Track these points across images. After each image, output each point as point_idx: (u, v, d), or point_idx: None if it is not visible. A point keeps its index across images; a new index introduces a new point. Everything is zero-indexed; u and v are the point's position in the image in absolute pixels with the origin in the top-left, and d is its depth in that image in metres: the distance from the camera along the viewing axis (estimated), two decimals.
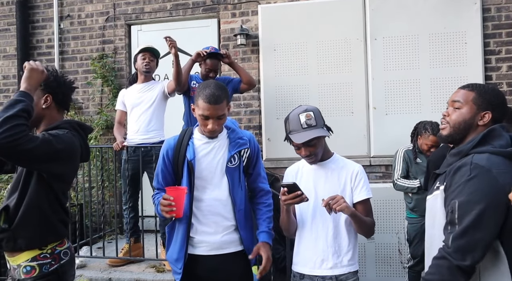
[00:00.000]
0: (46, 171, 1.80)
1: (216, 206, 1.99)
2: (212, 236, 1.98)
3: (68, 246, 1.94)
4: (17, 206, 1.81)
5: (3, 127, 1.56)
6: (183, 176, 1.99)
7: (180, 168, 1.99)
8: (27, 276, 1.81)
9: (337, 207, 1.79)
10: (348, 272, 1.94)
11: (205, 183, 2.00)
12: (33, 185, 1.82)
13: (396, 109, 4.05)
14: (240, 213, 2.02)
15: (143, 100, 3.66)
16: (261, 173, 2.15)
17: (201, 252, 1.99)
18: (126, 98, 3.77)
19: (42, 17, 5.00)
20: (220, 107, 1.90)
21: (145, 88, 3.71)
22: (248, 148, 2.05)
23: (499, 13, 3.99)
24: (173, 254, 2.01)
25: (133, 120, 3.70)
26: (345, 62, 4.17)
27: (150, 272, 3.41)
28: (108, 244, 4.06)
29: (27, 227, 1.80)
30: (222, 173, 1.99)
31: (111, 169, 4.36)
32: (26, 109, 1.66)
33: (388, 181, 3.86)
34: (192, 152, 1.98)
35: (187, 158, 1.97)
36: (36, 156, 1.69)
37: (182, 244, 1.98)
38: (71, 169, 1.95)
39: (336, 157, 2.06)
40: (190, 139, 2.03)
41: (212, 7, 4.55)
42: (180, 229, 2.00)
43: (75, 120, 2.05)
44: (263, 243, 2.07)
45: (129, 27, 4.85)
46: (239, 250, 2.02)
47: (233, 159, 2.00)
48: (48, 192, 1.85)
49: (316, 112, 1.95)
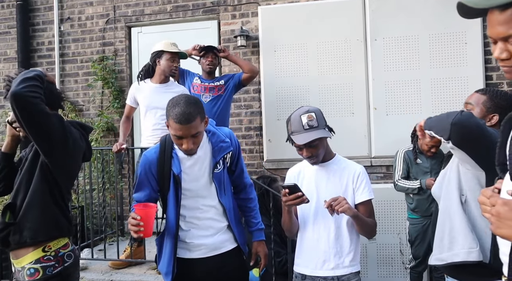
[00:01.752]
0: (53, 152, 1.83)
1: (208, 212, 1.99)
2: (208, 238, 1.99)
3: (72, 249, 1.95)
4: (22, 201, 1.85)
5: (24, 83, 1.68)
6: (170, 189, 1.94)
7: (166, 182, 1.93)
8: (31, 278, 1.82)
9: (339, 208, 1.79)
10: (349, 273, 1.94)
11: (193, 194, 1.97)
12: (36, 179, 1.85)
13: (396, 109, 4.05)
14: (230, 213, 2.04)
15: (160, 102, 3.28)
16: (243, 168, 2.16)
17: (199, 255, 1.99)
18: (139, 96, 3.53)
19: (43, 20, 5.01)
20: (193, 125, 1.76)
21: (164, 89, 3.46)
22: (231, 150, 2.02)
23: None
24: (163, 268, 2.00)
25: (149, 123, 3.51)
26: (345, 63, 4.17)
27: (152, 274, 3.41)
28: (109, 246, 4.06)
29: (31, 219, 1.83)
30: (210, 180, 1.97)
31: (112, 171, 4.36)
32: (40, 75, 1.78)
33: (389, 181, 3.86)
34: (178, 165, 1.91)
35: (173, 172, 1.91)
36: (47, 122, 1.77)
37: (170, 259, 1.97)
38: (75, 163, 1.99)
39: (338, 158, 2.06)
40: (172, 150, 1.94)
41: (212, 9, 4.56)
42: (168, 243, 1.98)
43: (76, 121, 2.09)
44: (258, 242, 2.13)
45: (129, 29, 4.86)
46: (234, 247, 2.06)
47: (218, 164, 1.98)
48: (52, 188, 1.88)
49: (318, 113, 1.95)
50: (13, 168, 2.00)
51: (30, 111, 1.71)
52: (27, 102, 1.68)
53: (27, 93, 1.67)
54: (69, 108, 4.78)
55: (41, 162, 1.86)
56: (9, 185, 2.00)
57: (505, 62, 1.04)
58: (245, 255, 2.13)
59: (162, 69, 3.49)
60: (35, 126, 1.76)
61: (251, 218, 2.18)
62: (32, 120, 1.74)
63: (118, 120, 4.56)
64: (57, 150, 1.84)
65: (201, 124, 1.82)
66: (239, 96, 4.42)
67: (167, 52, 3.46)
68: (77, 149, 1.95)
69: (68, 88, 4.91)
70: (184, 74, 3.83)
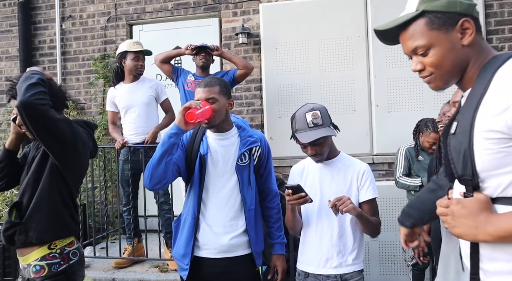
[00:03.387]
0: (62, 155, 1.84)
1: (225, 204, 1.96)
2: (220, 237, 1.95)
3: (78, 247, 1.96)
4: (29, 200, 1.85)
5: (31, 91, 1.68)
6: (195, 171, 1.97)
7: (193, 162, 1.98)
8: (37, 275, 1.84)
9: (344, 208, 1.78)
10: (352, 271, 1.94)
11: (215, 180, 1.97)
12: (44, 180, 1.86)
13: (398, 106, 4.04)
14: (250, 213, 1.99)
15: (135, 100, 3.57)
16: (271, 174, 2.14)
17: (208, 255, 1.96)
18: (116, 99, 3.65)
19: (44, 18, 5.01)
20: (210, 90, 1.92)
21: (136, 87, 3.61)
22: (259, 146, 2.03)
23: (501, 9, 3.97)
24: (180, 250, 1.99)
25: (128, 122, 3.63)
26: (347, 59, 4.16)
27: (154, 272, 3.41)
28: (112, 244, 4.07)
29: (38, 220, 1.84)
30: (232, 171, 1.97)
31: (114, 169, 4.36)
32: (43, 79, 1.78)
33: (391, 179, 3.85)
34: (206, 147, 1.98)
35: (200, 153, 1.96)
36: (57, 128, 1.77)
37: (189, 239, 1.96)
38: (84, 162, 2.01)
39: (342, 156, 2.05)
40: (203, 135, 2.03)
41: (213, 6, 4.54)
42: (186, 224, 1.98)
43: (81, 119, 2.12)
44: (278, 256, 2.10)
45: (131, 27, 4.85)
46: (247, 253, 1.99)
47: (243, 157, 1.98)
48: (61, 187, 1.89)
49: (322, 111, 1.93)
50: (16, 164, 2.01)
51: (39, 119, 1.72)
52: (36, 110, 1.69)
53: (36, 101, 1.67)
54: (71, 106, 4.78)
55: (51, 164, 1.87)
56: (12, 181, 2.01)
57: (422, 73, 1.14)
58: (257, 267, 2.04)
59: (128, 69, 3.60)
60: (45, 133, 1.77)
61: (274, 230, 2.13)
62: (42, 128, 1.75)
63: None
64: (68, 154, 1.86)
65: (219, 95, 1.94)
66: (241, 94, 4.41)
67: (130, 52, 3.57)
68: (86, 150, 1.98)
69: (69, 86, 4.91)
70: (178, 71, 3.84)
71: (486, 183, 1.03)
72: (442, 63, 1.10)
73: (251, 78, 4.37)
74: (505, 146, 0.97)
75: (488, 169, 1.01)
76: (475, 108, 1.02)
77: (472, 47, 1.08)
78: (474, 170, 1.03)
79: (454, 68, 1.10)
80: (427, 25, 1.09)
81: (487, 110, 0.99)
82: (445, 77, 1.12)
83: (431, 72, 1.12)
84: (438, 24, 1.08)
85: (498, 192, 1.01)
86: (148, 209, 3.85)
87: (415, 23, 1.11)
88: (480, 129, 1.00)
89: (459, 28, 1.07)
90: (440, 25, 1.08)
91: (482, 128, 1.00)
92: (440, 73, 1.11)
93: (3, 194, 4.31)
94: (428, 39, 1.09)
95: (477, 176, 1.03)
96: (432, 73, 1.12)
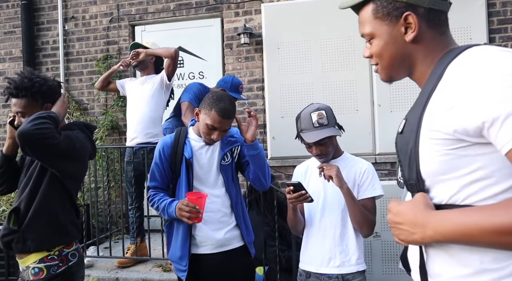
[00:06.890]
0: (62, 168, 1.84)
1: (215, 203, 2.03)
2: (215, 233, 2.02)
3: (76, 248, 1.95)
4: (27, 207, 1.83)
5: (34, 122, 1.69)
6: (181, 175, 2.02)
7: (178, 166, 2.03)
8: (35, 277, 1.83)
9: (327, 172, 1.82)
10: (355, 271, 1.94)
11: (203, 181, 2.05)
12: (44, 187, 1.84)
13: (401, 106, 4.03)
14: (237, 208, 2.09)
15: (140, 95, 3.62)
16: None
17: (205, 251, 2.03)
18: (127, 89, 3.76)
19: (47, 19, 5.03)
20: (229, 122, 1.97)
21: (143, 80, 3.69)
22: (239, 145, 2.10)
23: (504, 7, 3.96)
24: (176, 251, 2.03)
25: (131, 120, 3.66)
26: (349, 59, 4.16)
27: (157, 271, 3.42)
28: (115, 244, 4.08)
29: (37, 229, 1.82)
30: (218, 171, 2.05)
31: (117, 169, 4.38)
32: (53, 116, 1.80)
33: (394, 178, 3.84)
34: (190, 150, 2.03)
35: (184, 156, 2.01)
36: (58, 152, 1.77)
37: (185, 241, 2.01)
38: (83, 168, 2.01)
39: (346, 156, 2.05)
40: (186, 138, 2.08)
41: (215, 7, 4.55)
42: (181, 226, 2.03)
43: (81, 121, 2.11)
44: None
45: (133, 27, 4.86)
46: (241, 245, 2.09)
47: (226, 156, 2.06)
48: (61, 193, 1.88)
49: (328, 111, 1.94)
50: (15, 168, 1.99)
51: (41, 149, 1.75)
52: (38, 141, 1.70)
53: (37, 131, 1.68)
54: (74, 107, 4.81)
55: (51, 173, 1.86)
56: (11, 185, 2.00)
57: (371, 61, 1.06)
58: (252, 256, 2.16)
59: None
60: (45, 158, 1.81)
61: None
62: (42, 153, 1.78)
63: (122, 119, 4.58)
64: (68, 167, 1.87)
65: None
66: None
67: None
68: (86, 156, 1.99)
69: (72, 87, 4.93)
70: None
71: (434, 190, 0.92)
72: (381, 55, 1.02)
73: (253, 78, 4.38)
74: (452, 148, 0.85)
75: (435, 174, 0.89)
76: (423, 105, 0.91)
77: (418, 43, 0.97)
78: (419, 174, 0.92)
79: (393, 64, 1.02)
80: (372, 13, 1.01)
81: (435, 107, 0.89)
82: (386, 70, 1.04)
83: (376, 61, 1.05)
84: (382, 14, 0.99)
85: (446, 200, 0.90)
86: (151, 209, 3.86)
87: (366, 8, 1.04)
88: (426, 129, 0.89)
89: (403, 22, 0.97)
90: (384, 15, 0.99)
91: (427, 127, 0.89)
92: (382, 65, 1.04)
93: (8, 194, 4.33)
94: (371, 28, 1.01)
95: (422, 180, 0.92)
96: (377, 63, 1.05)
